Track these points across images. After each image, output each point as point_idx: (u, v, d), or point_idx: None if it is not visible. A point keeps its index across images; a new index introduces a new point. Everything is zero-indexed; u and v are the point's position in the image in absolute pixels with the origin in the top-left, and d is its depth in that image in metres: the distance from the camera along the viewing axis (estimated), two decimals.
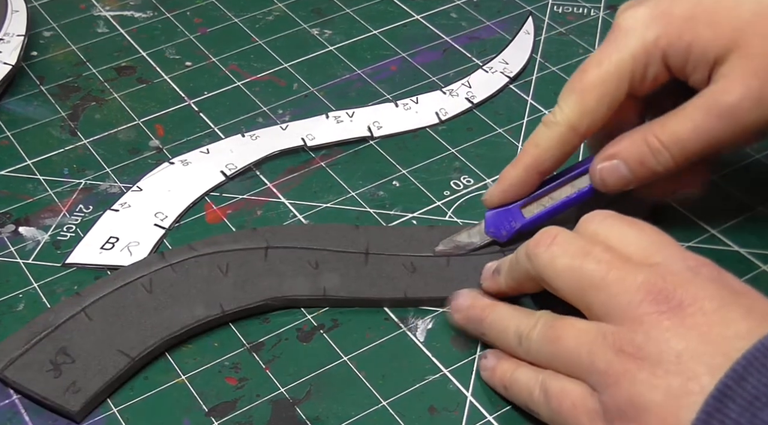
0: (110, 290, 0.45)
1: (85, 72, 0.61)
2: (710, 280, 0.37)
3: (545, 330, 0.39)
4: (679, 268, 0.38)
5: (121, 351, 0.43)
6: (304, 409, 0.42)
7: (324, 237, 0.48)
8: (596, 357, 0.37)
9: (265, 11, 0.65)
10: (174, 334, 0.44)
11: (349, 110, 0.57)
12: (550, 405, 0.39)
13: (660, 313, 0.36)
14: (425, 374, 0.44)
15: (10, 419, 0.42)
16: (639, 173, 0.44)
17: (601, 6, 0.65)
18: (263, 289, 0.46)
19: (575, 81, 0.45)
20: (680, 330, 0.36)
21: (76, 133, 0.56)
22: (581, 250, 0.39)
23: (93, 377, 0.42)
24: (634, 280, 0.37)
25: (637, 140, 0.44)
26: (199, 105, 0.58)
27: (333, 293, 0.46)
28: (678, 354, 0.35)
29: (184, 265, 0.47)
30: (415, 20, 0.64)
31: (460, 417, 0.42)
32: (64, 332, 0.44)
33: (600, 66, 0.44)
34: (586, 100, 0.44)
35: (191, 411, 0.42)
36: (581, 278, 0.39)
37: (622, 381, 0.36)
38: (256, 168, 0.54)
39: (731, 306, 0.36)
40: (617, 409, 0.36)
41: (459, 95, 0.58)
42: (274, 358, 0.44)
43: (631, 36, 0.44)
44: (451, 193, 0.52)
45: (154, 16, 0.65)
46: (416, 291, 0.46)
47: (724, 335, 0.35)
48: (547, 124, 0.45)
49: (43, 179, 0.53)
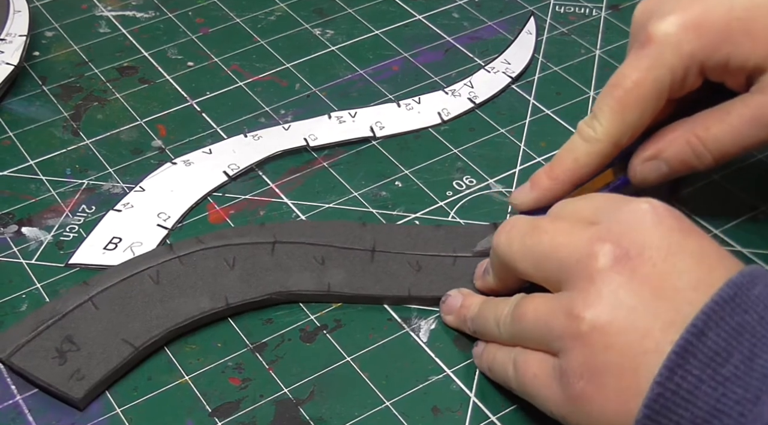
0: (117, 280, 0.46)
1: (87, 72, 0.61)
2: (655, 226, 0.37)
3: (513, 311, 0.40)
4: (622, 219, 0.38)
5: (126, 340, 0.44)
6: (308, 410, 0.42)
7: (331, 234, 0.48)
8: (552, 324, 0.37)
9: (266, 11, 0.65)
10: (178, 325, 0.44)
11: (352, 110, 0.57)
12: (518, 380, 0.40)
13: (609, 268, 0.36)
14: (428, 374, 0.44)
15: (14, 419, 0.42)
16: (679, 170, 0.46)
17: (603, 6, 0.65)
18: (268, 283, 0.46)
19: (613, 95, 0.45)
20: (631, 284, 0.36)
21: (78, 133, 0.56)
22: (530, 227, 0.41)
23: (97, 365, 0.43)
24: (579, 239, 0.38)
25: (679, 141, 0.45)
26: (201, 105, 0.58)
27: (337, 289, 0.46)
28: (631, 309, 0.35)
29: (191, 257, 0.47)
30: (416, 20, 0.64)
31: (464, 417, 0.42)
32: (71, 320, 0.44)
33: (638, 82, 0.44)
34: (627, 116, 0.44)
35: (194, 411, 0.42)
36: (533, 252, 0.40)
37: (578, 344, 0.36)
38: (258, 168, 0.54)
39: (680, 254, 0.36)
40: (575, 372, 0.36)
41: (461, 95, 0.58)
42: (277, 358, 0.44)
43: (667, 49, 0.44)
44: (453, 193, 0.52)
45: (155, 16, 0.65)
46: (420, 290, 0.46)
47: (676, 286, 0.35)
48: (588, 139, 0.45)
49: (45, 180, 0.53)
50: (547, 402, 0.38)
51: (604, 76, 0.59)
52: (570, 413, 0.37)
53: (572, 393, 0.36)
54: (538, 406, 0.39)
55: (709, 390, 0.33)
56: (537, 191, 0.46)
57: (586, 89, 0.58)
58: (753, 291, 0.34)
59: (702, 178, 0.52)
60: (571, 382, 0.36)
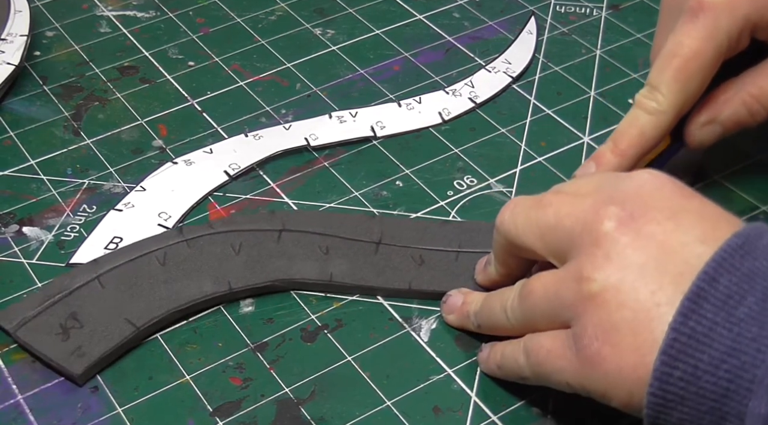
0: (125, 261, 0.47)
1: (87, 72, 0.61)
2: (656, 190, 0.38)
3: (519, 292, 0.40)
4: (624, 186, 0.38)
5: (128, 319, 0.44)
6: (309, 409, 0.42)
7: (338, 225, 0.48)
8: (562, 292, 0.38)
9: (267, 11, 0.65)
10: (180, 307, 0.45)
11: (352, 110, 0.57)
12: (531, 364, 0.39)
13: (615, 230, 0.37)
14: (429, 374, 0.44)
15: (15, 419, 0.42)
16: (733, 130, 0.47)
17: (604, 6, 0.65)
18: (272, 270, 0.47)
19: (673, 66, 0.45)
20: (638, 242, 0.36)
21: (79, 133, 0.56)
22: (534, 202, 0.41)
23: (98, 343, 0.44)
24: (582, 206, 0.38)
25: (734, 102, 0.46)
26: (202, 105, 0.58)
27: (339, 279, 0.46)
28: (640, 267, 0.36)
29: (199, 241, 0.48)
30: (417, 20, 0.64)
31: (465, 417, 0.42)
32: (76, 297, 0.45)
33: (698, 51, 0.44)
34: (690, 85, 0.45)
35: (196, 411, 0.42)
36: (539, 225, 0.40)
37: (590, 306, 0.36)
38: (259, 168, 0.54)
39: (683, 213, 0.37)
40: (589, 334, 0.36)
41: (462, 95, 0.58)
42: (278, 358, 0.44)
43: (723, 15, 0.44)
44: (454, 193, 0.52)
45: (156, 16, 0.65)
46: (421, 284, 0.46)
47: (682, 241, 0.36)
48: (652, 112, 0.45)
49: (46, 179, 0.53)
50: (563, 373, 0.38)
51: (605, 77, 0.59)
52: (587, 378, 0.37)
53: (588, 355, 0.36)
54: (554, 383, 0.39)
55: (725, 332, 0.33)
56: (604, 169, 0.46)
57: (586, 89, 0.58)
58: (761, 241, 0.35)
59: (702, 178, 0.52)
60: (586, 344, 0.36)
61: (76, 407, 0.43)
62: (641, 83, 0.58)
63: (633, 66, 0.60)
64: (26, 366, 0.44)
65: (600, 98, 0.58)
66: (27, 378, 0.44)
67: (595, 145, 0.54)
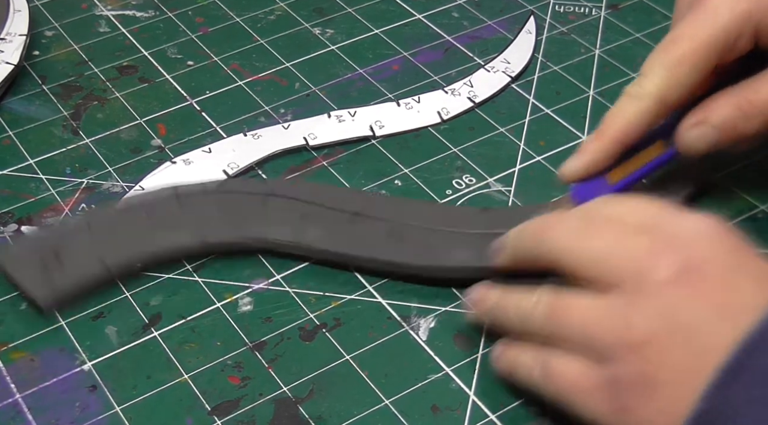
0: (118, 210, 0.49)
1: (86, 71, 0.61)
2: (717, 242, 0.37)
3: (547, 308, 0.39)
4: (683, 232, 0.37)
5: (102, 260, 0.46)
6: (307, 408, 0.42)
7: (323, 194, 0.50)
8: (603, 330, 0.37)
9: (266, 11, 0.65)
10: (153, 254, 0.47)
11: (351, 110, 0.57)
12: (549, 384, 0.39)
13: (670, 281, 0.36)
14: (428, 373, 0.44)
15: (13, 418, 0.42)
16: (728, 136, 0.44)
17: (603, 5, 0.65)
18: (248, 231, 0.48)
19: (664, 53, 0.44)
20: (690, 299, 0.35)
21: (78, 132, 0.56)
22: (583, 227, 0.40)
23: (69, 278, 0.46)
24: (638, 245, 0.37)
25: (728, 106, 0.44)
26: (201, 104, 0.58)
27: (309, 243, 0.47)
28: (688, 326, 0.35)
29: (190, 199, 0.49)
30: (416, 20, 0.64)
31: (463, 416, 0.42)
32: (65, 237, 0.48)
33: (692, 38, 0.44)
34: (678, 73, 0.44)
35: (194, 410, 0.42)
36: (588, 255, 0.39)
37: (631, 355, 0.35)
38: (258, 167, 0.54)
39: (741, 274, 0.36)
40: (625, 384, 0.36)
41: (461, 95, 0.58)
42: (276, 357, 0.44)
43: (722, 9, 0.43)
44: (453, 192, 0.52)
45: (155, 15, 0.65)
46: (392, 255, 0.46)
47: (734, 304, 0.35)
48: (635, 96, 0.44)
49: (45, 179, 0.53)
50: (589, 411, 0.37)
51: (604, 76, 0.59)
52: (615, 424, 0.36)
53: (621, 405, 0.36)
54: (576, 414, 0.38)
55: (760, 409, 0.32)
56: (586, 156, 0.45)
57: (585, 89, 0.58)
58: None
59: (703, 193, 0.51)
60: (621, 394, 0.36)
61: (75, 406, 0.43)
62: None
63: (632, 66, 0.60)
64: (25, 365, 0.44)
65: (599, 98, 0.58)
66: (25, 377, 0.44)
67: None
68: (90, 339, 0.45)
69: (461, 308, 0.46)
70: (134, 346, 0.45)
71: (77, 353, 0.45)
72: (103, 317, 0.46)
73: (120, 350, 0.45)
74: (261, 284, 0.48)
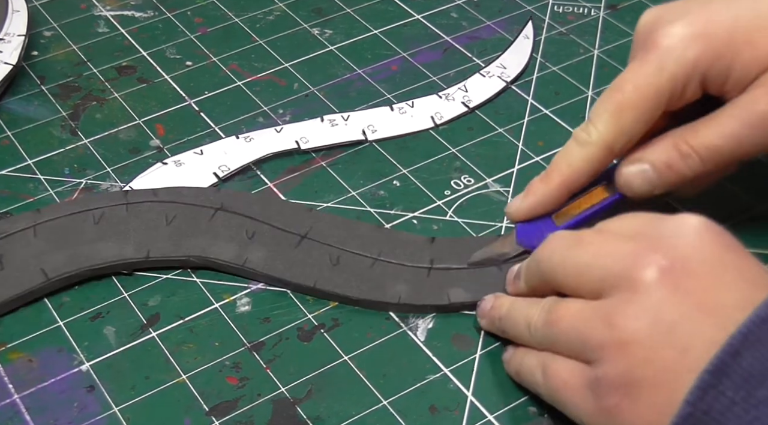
0: (66, 214, 0.49)
1: (85, 72, 0.61)
2: (702, 240, 0.37)
3: (545, 315, 0.40)
4: (668, 232, 0.38)
5: (43, 269, 0.46)
6: (305, 409, 0.42)
7: (274, 212, 0.49)
8: (591, 332, 0.37)
9: (265, 11, 0.65)
10: (93, 267, 0.47)
11: (344, 114, 0.57)
12: (547, 385, 0.39)
13: (654, 280, 0.36)
14: (426, 373, 0.44)
15: (11, 418, 0.42)
16: (666, 176, 0.44)
17: (602, 6, 0.65)
18: (192, 246, 0.48)
19: (610, 100, 0.44)
20: (675, 298, 0.36)
21: (76, 132, 0.56)
22: (573, 240, 0.40)
23: (7, 286, 0.46)
24: (623, 249, 0.38)
25: (666, 145, 0.43)
26: (200, 105, 0.58)
27: (251, 265, 0.47)
28: (673, 324, 0.35)
29: (139, 206, 0.49)
30: (415, 20, 0.64)
31: (461, 416, 0.42)
32: (9, 241, 0.48)
33: (638, 86, 0.43)
34: (623, 120, 0.43)
35: (192, 410, 0.42)
36: (577, 264, 0.39)
37: (616, 354, 0.36)
38: (256, 168, 0.54)
39: (726, 270, 0.36)
40: (610, 384, 0.36)
41: (455, 99, 0.58)
42: (274, 357, 0.44)
43: (671, 56, 0.43)
44: (451, 192, 0.52)
45: (154, 15, 0.65)
46: (326, 284, 0.46)
47: (721, 303, 0.35)
48: (581, 143, 0.44)
49: (43, 179, 0.53)
50: (577, 410, 0.38)
51: (603, 76, 0.59)
52: (601, 424, 0.37)
53: (606, 404, 0.36)
54: (567, 414, 0.39)
55: (741, 413, 0.32)
56: (531, 198, 0.45)
57: (584, 89, 0.58)
58: None
59: None
60: (606, 393, 0.36)
61: (73, 406, 0.43)
62: None
63: None
64: (23, 365, 0.44)
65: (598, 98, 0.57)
66: (23, 377, 0.44)
67: None
68: (88, 339, 0.45)
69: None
70: (132, 346, 0.45)
71: (75, 353, 0.45)
72: (102, 318, 0.46)
73: (118, 350, 0.45)
74: (259, 285, 0.48)
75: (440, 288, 0.46)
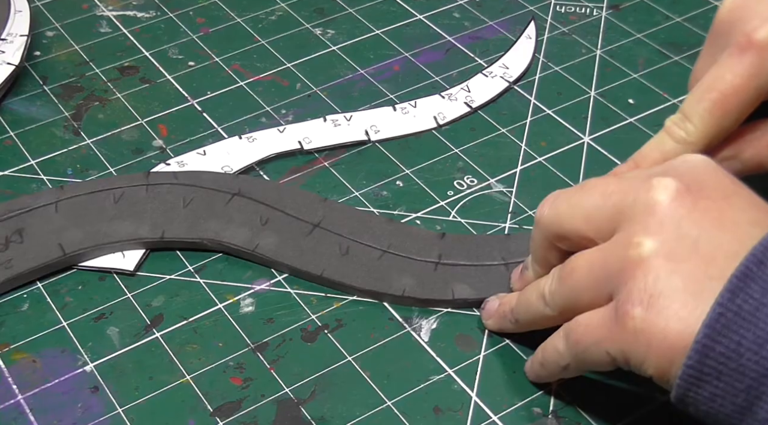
0: (87, 192, 0.50)
1: (88, 72, 0.61)
2: (713, 171, 0.38)
3: (558, 274, 0.40)
4: (679, 165, 0.39)
5: (60, 244, 0.47)
6: (309, 409, 0.42)
7: (289, 200, 0.50)
8: (609, 264, 0.37)
9: (267, 11, 0.65)
10: (109, 243, 0.48)
11: (347, 114, 0.57)
12: (570, 345, 0.39)
13: (671, 200, 0.37)
14: (430, 374, 0.44)
15: (15, 418, 0.42)
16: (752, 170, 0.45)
17: (604, 6, 0.65)
18: (206, 229, 0.48)
19: (710, 99, 0.44)
20: (694, 215, 0.36)
21: (79, 133, 0.56)
22: (576, 189, 0.41)
23: (26, 259, 0.47)
24: (632, 183, 0.38)
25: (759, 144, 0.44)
26: (202, 105, 0.58)
27: (262, 251, 0.47)
28: (695, 239, 0.36)
29: (158, 188, 0.50)
30: (417, 20, 0.64)
31: (465, 417, 0.42)
32: (31, 216, 0.49)
33: (740, 88, 0.43)
34: (724, 120, 0.44)
35: (196, 411, 0.42)
36: (584, 207, 0.39)
37: (638, 271, 0.36)
38: (259, 168, 0.54)
39: (735, 196, 0.37)
40: (634, 300, 0.36)
41: (458, 100, 0.58)
42: (278, 358, 0.44)
43: None
44: (454, 193, 0.52)
45: (156, 16, 0.65)
46: (334, 274, 0.47)
47: (736, 221, 0.36)
48: (680, 141, 0.44)
49: (46, 179, 0.53)
50: (602, 343, 0.37)
51: (605, 76, 0.59)
52: (627, 344, 0.36)
53: (631, 320, 0.36)
54: (593, 358, 0.38)
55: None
56: None
57: (587, 89, 0.58)
58: None
59: None
60: (629, 309, 0.36)
61: (77, 407, 0.43)
62: (641, 83, 0.58)
63: (633, 66, 0.60)
64: (27, 366, 0.44)
65: (600, 98, 0.58)
66: (27, 378, 0.44)
67: (595, 145, 0.54)
68: (92, 340, 0.45)
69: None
70: (136, 347, 0.45)
71: (79, 354, 0.45)
72: (105, 319, 0.46)
73: (122, 351, 0.45)
74: (263, 285, 0.48)
75: (445, 283, 0.46)
